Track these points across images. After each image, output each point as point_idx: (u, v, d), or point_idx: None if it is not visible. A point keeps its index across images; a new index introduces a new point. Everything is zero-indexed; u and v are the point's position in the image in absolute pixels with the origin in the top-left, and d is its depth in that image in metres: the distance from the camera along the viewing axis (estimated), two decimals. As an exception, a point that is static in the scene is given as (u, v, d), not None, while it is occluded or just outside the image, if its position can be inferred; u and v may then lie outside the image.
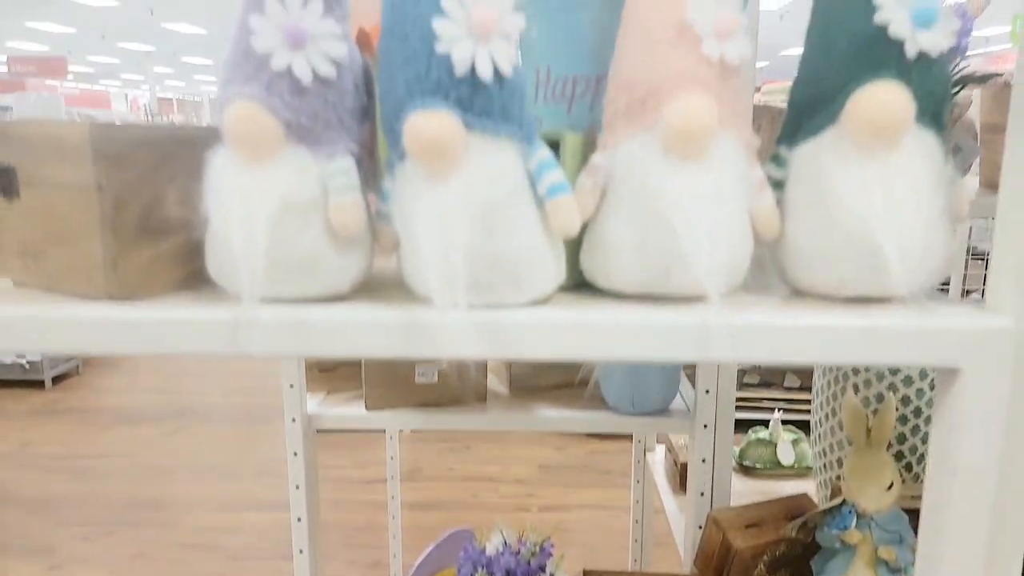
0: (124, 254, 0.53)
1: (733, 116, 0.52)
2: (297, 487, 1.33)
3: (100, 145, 0.50)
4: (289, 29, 0.48)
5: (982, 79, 1.24)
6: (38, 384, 5.02)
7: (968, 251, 3.73)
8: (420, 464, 3.88)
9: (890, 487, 0.93)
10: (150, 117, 13.74)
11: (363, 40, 0.78)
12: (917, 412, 1.14)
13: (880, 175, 0.49)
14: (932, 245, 0.50)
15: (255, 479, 3.69)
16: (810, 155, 0.53)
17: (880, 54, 0.50)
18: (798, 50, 0.56)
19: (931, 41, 0.49)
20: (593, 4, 0.61)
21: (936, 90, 0.51)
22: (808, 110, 0.54)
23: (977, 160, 1.34)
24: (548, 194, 0.51)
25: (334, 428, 1.37)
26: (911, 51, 0.49)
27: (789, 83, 0.57)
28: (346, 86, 0.51)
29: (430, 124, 0.46)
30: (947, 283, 2.98)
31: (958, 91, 1.26)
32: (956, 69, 1.20)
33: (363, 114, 0.54)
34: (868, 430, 0.96)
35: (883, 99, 0.49)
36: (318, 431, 1.37)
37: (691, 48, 0.51)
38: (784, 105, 0.59)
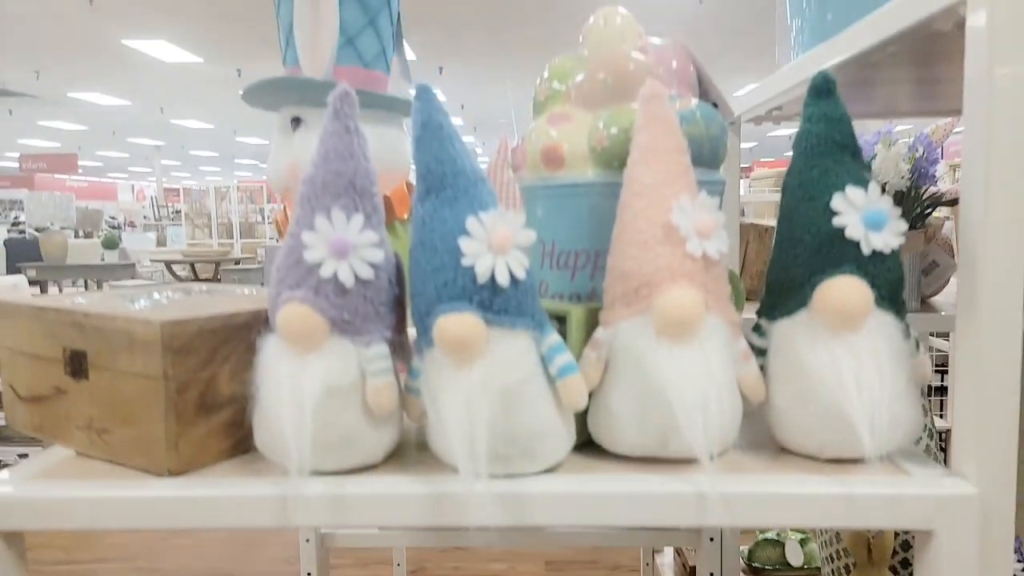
0: (183, 432, 0.59)
1: (717, 300, 0.60)
2: (310, 606, 1.35)
3: (169, 341, 0.58)
4: (335, 242, 0.56)
5: (953, 201, 1.34)
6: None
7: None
8: (424, 564, 3.82)
9: (891, 607, 0.97)
10: (156, 208, 14.06)
11: (387, 206, 0.87)
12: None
13: (848, 354, 0.57)
14: (899, 414, 0.57)
15: (257, 582, 3.61)
16: (787, 332, 0.61)
17: (840, 250, 0.58)
18: (783, 131, 0.65)
19: (882, 241, 0.57)
20: (592, 192, 0.70)
21: (891, 278, 0.59)
22: (782, 291, 0.62)
23: (954, 275, 1.43)
24: (559, 375, 0.58)
25: (347, 546, 1.40)
26: (866, 249, 0.57)
27: (777, 168, 0.65)
28: (382, 283, 0.59)
29: (457, 325, 0.54)
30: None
31: (931, 212, 1.36)
32: (928, 193, 1.30)
33: (396, 303, 0.62)
34: (869, 550, 1.00)
35: (845, 291, 0.57)
36: (330, 549, 1.40)
37: (677, 246, 0.59)
38: (772, 195, 0.67)
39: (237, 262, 7.51)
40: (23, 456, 3.13)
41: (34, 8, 6.25)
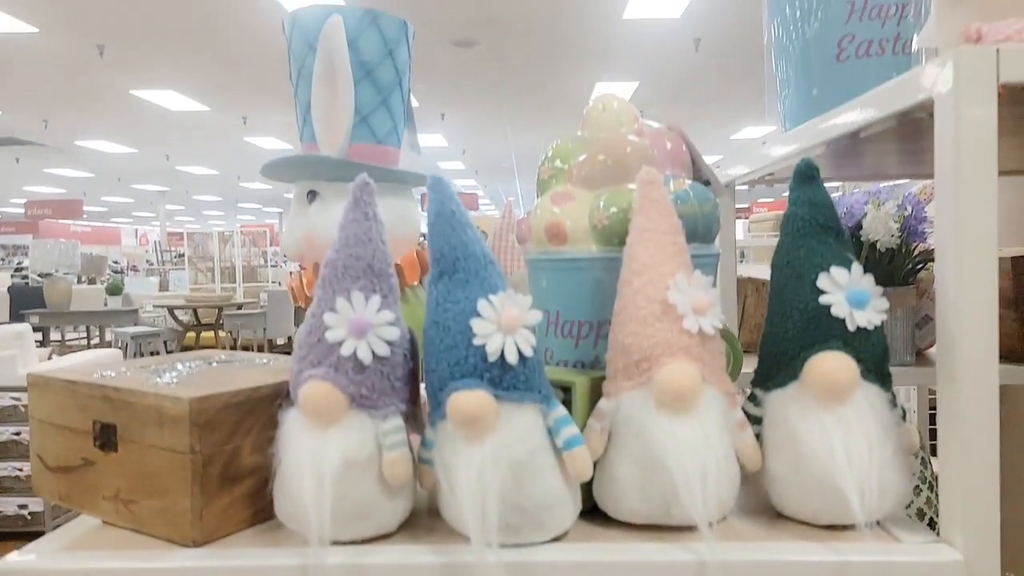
0: (208, 503, 0.62)
1: (713, 373, 0.64)
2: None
3: (196, 417, 0.61)
4: (354, 323, 0.60)
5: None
6: (39, 536, 4.91)
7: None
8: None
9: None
10: (160, 252, 14.17)
11: (398, 273, 0.92)
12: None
13: (837, 425, 0.60)
14: (888, 483, 0.60)
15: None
16: (780, 403, 0.65)
17: (827, 326, 0.62)
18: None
19: (866, 318, 0.61)
20: (593, 267, 0.74)
21: (875, 352, 0.63)
22: (775, 363, 0.66)
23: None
24: (565, 447, 0.61)
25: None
26: (851, 325, 0.61)
27: (775, 211, 0.69)
28: (398, 358, 0.63)
29: (469, 402, 0.58)
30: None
31: (922, 268, 1.40)
32: (918, 250, 1.34)
33: (410, 376, 0.65)
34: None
35: (833, 366, 0.61)
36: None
37: (674, 322, 0.63)
38: (772, 239, 0.70)
39: (240, 307, 7.55)
40: (22, 507, 3.13)
41: (45, 59, 6.43)
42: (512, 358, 0.59)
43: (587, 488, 0.67)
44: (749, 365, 0.74)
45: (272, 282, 9.75)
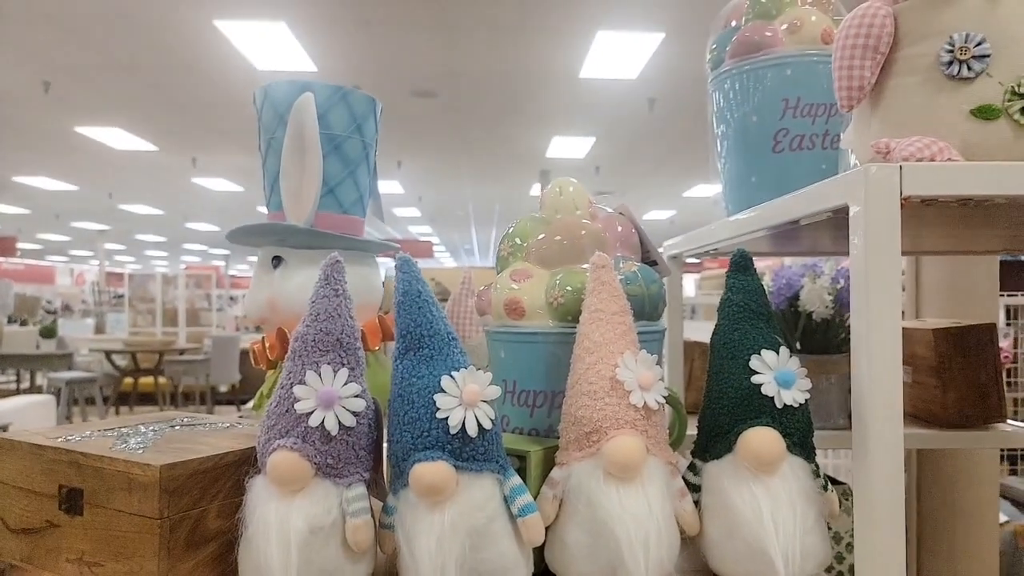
0: (173, 567, 0.64)
1: (657, 444, 0.70)
2: None
3: (166, 484, 0.63)
4: (323, 395, 0.64)
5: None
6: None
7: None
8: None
9: None
10: (97, 293, 13.70)
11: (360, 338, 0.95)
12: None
13: (766, 495, 0.66)
14: (810, 547, 0.66)
15: None
16: (716, 474, 0.71)
17: (758, 404, 0.69)
18: None
19: (792, 396, 0.68)
20: (549, 341, 0.80)
21: (800, 427, 0.69)
22: (712, 436, 0.72)
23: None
24: (519, 514, 0.66)
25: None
26: (779, 403, 0.68)
27: (723, 270, 0.75)
28: (363, 428, 0.67)
29: (431, 473, 0.62)
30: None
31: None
32: (849, 321, 1.45)
33: (374, 445, 0.69)
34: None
35: (763, 441, 0.67)
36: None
37: (622, 397, 0.69)
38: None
39: (182, 352, 7.35)
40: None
41: (-12, 94, 6.29)
42: (472, 431, 0.63)
43: (539, 551, 0.71)
44: (694, 426, 0.80)
45: (217, 326, 9.51)
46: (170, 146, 8.19)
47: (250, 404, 1.06)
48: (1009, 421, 1.28)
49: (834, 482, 0.97)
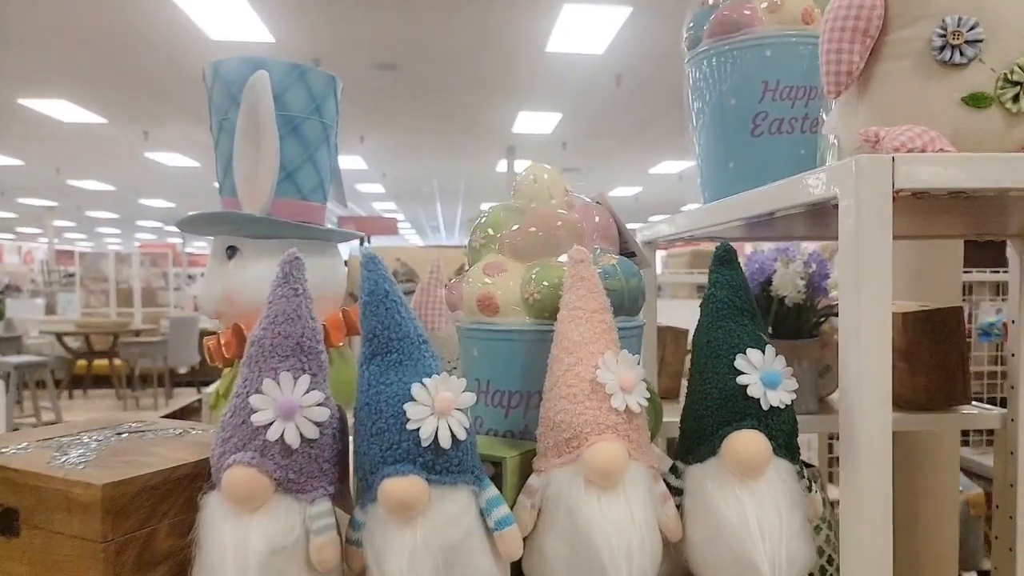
0: (119, 595, 0.59)
1: (638, 448, 0.66)
2: None
3: (109, 505, 0.58)
4: (282, 405, 0.59)
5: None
6: None
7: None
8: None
9: None
10: (47, 272, 13.23)
11: (323, 334, 0.90)
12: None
13: (751, 500, 0.64)
14: (796, 552, 0.64)
15: None
16: (699, 477, 0.68)
17: (743, 406, 0.66)
18: (696, 205, 0.70)
19: (778, 398, 0.65)
20: (524, 338, 0.76)
21: (786, 428, 0.67)
22: (695, 439, 0.69)
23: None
24: (496, 527, 0.62)
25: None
26: (765, 405, 0.65)
27: (691, 247, 0.73)
28: (327, 440, 0.62)
29: (402, 489, 0.58)
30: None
31: (824, 321, 1.50)
32: (822, 305, 1.44)
33: (339, 457, 0.65)
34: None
35: (749, 444, 0.64)
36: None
37: (603, 401, 0.65)
38: (687, 276, 0.73)
39: (137, 333, 7.14)
40: None
41: (-77, 65, 5.94)
42: (446, 442, 0.59)
43: (516, 563, 0.67)
44: (671, 414, 0.77)
45: (174, 306, 9.26)
46: (120, 119, 7.87)
47: (211, 388, 1.00)
48: (974, 403, 1.29)
49: (805, 465, 0.96)
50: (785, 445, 0.67)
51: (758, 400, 0.65)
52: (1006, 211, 0.88)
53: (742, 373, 0.66)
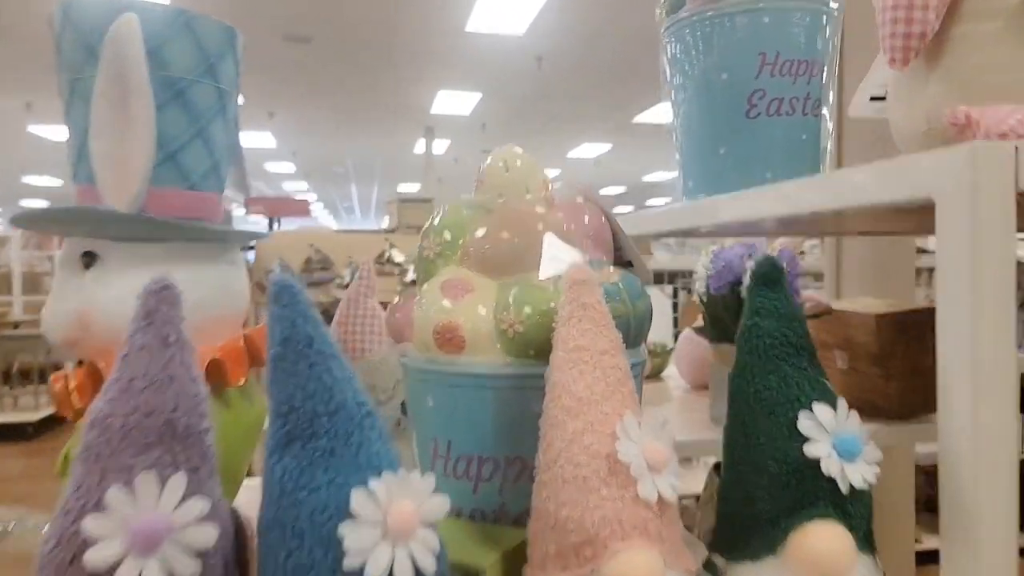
0: None
1: (673, 550, 0.47)
2: None
3: None
4: (140, 529, 0.36)
5: (815, 315, 1.35)
6: None
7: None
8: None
9: None
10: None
11: (219, 370, 0.67)
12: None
13: (830, 618, 0.46)
14: None
15: None
16: (752, 582, 0.49)
17: (814, 486, 0.48)
18: (613, 188, 0.54)
19: (860, 475, 0.48)
20: (500, 385, 0.55)
21: (867, 515, 0.49)
22: (744, 527, 0.51)
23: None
24: None
25: None
26: (843, 486, 0.47)
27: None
28: (215, 570, 0.40)
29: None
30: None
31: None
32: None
33: (235, 588, 0.42)
34: None
35: (828, 542, 0.46)
36: None
37: (626, 487, 0.46)
38: None
39: (16, 325, 6.44)
40: None
41: None
42: (406, 578, 0.38)
43: (516, 563, 0.48)
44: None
45: (62, 293, 8.46)
46: (-3, 88, 7.07)
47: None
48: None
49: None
50: (866, 538, 0.49)
51: (834, 479, 0.48)
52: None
53: (809, 439, 0.48)
